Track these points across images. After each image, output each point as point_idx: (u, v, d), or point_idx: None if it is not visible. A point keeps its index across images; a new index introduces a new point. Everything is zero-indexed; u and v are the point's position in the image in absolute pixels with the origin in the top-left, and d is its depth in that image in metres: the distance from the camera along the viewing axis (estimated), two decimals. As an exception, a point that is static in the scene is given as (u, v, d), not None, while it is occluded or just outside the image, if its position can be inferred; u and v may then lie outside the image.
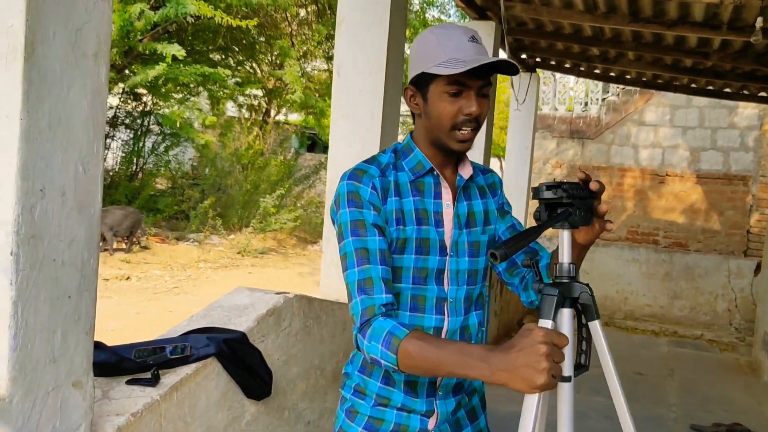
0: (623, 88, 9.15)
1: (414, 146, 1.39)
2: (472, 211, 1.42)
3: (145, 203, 12.92)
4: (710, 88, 6.72)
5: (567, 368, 1.15)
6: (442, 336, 1.38)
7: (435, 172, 1.38)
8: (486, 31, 4.83)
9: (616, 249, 7.96)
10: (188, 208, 13.41)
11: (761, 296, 6.57)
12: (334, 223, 1.37)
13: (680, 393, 5.24)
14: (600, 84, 9.49)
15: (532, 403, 1.12)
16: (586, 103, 9.81)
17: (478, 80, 1.28)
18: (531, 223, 8.49)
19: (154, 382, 1.85)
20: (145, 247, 10.82)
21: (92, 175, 1.47)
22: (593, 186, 1.17)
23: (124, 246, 10.38)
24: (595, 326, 1.22)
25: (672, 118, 8.93)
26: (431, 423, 1.39)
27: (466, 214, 1.41)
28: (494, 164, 16.84)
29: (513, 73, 1.30)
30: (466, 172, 1.41)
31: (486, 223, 1.44)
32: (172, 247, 11.47)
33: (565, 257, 1.21)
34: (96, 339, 1.98)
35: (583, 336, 1.24)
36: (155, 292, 8.31)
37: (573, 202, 1.17)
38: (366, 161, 1.38)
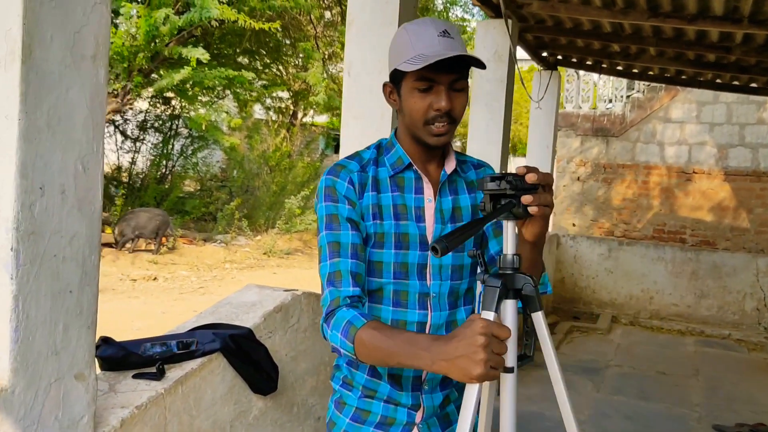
0: (648, 85, 9.03)
1: (396, 142, 1.41)
2: (458, 206, 1.42)
3: (173, 205, 13.13)
4: (736, 83, 6.59)
5: (510, 359, 1.15)
6: (426, 331, 1.38)
7: (414, 167, 1.39)
8: (501, 29, 4.82)
9: (641, 248, 7.84)
10: (215, 209, 13.59)
11: (791, 295, 6.44)
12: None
13: (705, 393, 5.16)
14: (624, 81, 9.37)
15: (472, 394, 1.12)
16: (610, 101, 9.70)
17: (448, 75, 1.27)
18: (550, 221, 8.43)
19: (159, 376, 1.90)
20: (173, 248, 11.01)
21: (92, 174, 1.52)
22: (529, 178, 1.13)
23: (152, 247, 10.56)
24: (538, 317, 1.20)
25: (699, 114, 8.78)
26: (418, 416, 1.40)
27: (451, 209, 1.41)
28: (521, 163, 16.72)
29: (482, 67, 1.30)
30: (449, 166, 1.41)
31: (474, 218, 1.44)
32: (200, 248, 11.64)
33: (509, 248, 1.19)
34: (116, 337, 2.03)
35: (527, 327, 1.22)
36: (181, 292, 8.44)
37: (516, 194, 1.15)
38: (348, 157, 1.41)
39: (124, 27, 9.55)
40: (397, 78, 1.33)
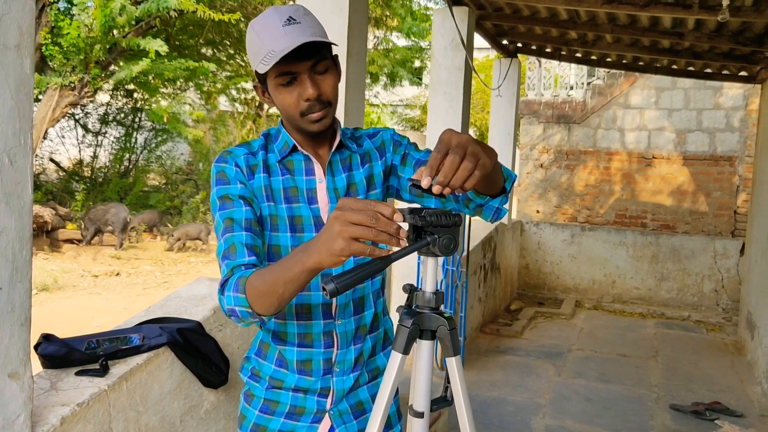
0: (608, 72, 9.13)
1: (282, 129, 1.40)
2: (353, 182, 1.42)
3: (137, 199, 12.95)
4: (691, 69, 6.69)
5: (421, 404, 1.11)
6: (333, 311, 1.38)
7: (301, 150, 1.38)
8: (459, 16, 4.82)
9: (603, 233, 7.96)
10: (181, 203, 13.44)
11: (745, 276, 6.58)
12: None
13: (663, 373, 5.26)
14: (585, 68, 9.46)
15: (393, 367, 1.12)
16: (571, 87, 9.79)
17: (306, 62, 1.25)
18: (514, 205, 8.32)
19: (103, 372, 1.86)
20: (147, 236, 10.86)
21: (20, 167, 1.47)
22: (435, 190, 1.04)
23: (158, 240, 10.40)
24: (452, 363, 1.14)
25: (657, 100, 8.92)
26: (328, 402, 1.40)
27: (346, 186, 1.40)
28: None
29: (334, 45, 1.29)
30: (334, 144, 1.40)
31: (369, 189, 1.43)
32: (164, 242, 11.49)
33: (428, 286, 1.13)
34: (75, 335, 1.99)
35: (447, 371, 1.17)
36: (145, 287, 8.33)
37: (434, 231, 1.06)
38: (237, 145, 1.41)
39: (79, 18, 9.32)
40: (261, 78, 1.33)
